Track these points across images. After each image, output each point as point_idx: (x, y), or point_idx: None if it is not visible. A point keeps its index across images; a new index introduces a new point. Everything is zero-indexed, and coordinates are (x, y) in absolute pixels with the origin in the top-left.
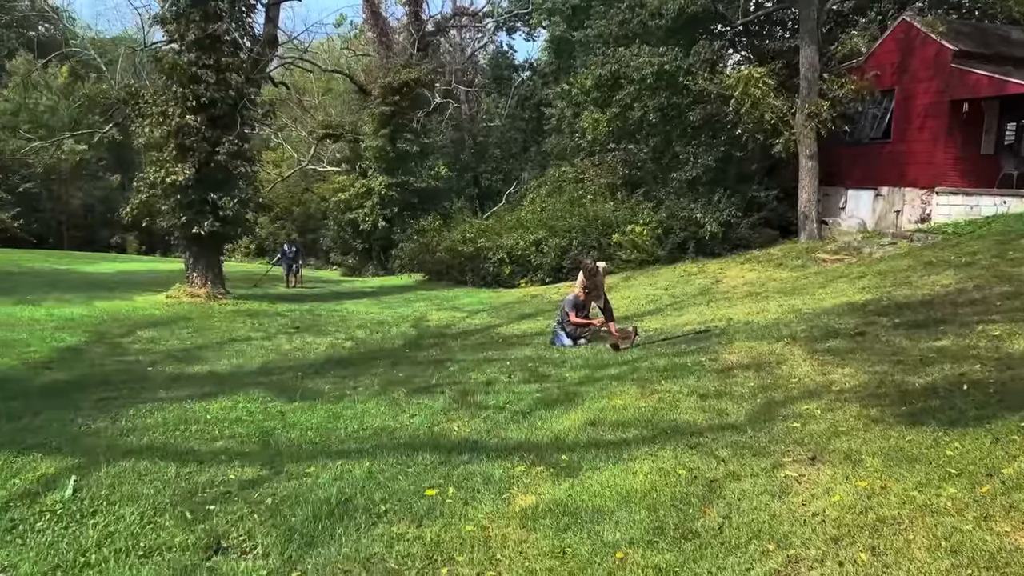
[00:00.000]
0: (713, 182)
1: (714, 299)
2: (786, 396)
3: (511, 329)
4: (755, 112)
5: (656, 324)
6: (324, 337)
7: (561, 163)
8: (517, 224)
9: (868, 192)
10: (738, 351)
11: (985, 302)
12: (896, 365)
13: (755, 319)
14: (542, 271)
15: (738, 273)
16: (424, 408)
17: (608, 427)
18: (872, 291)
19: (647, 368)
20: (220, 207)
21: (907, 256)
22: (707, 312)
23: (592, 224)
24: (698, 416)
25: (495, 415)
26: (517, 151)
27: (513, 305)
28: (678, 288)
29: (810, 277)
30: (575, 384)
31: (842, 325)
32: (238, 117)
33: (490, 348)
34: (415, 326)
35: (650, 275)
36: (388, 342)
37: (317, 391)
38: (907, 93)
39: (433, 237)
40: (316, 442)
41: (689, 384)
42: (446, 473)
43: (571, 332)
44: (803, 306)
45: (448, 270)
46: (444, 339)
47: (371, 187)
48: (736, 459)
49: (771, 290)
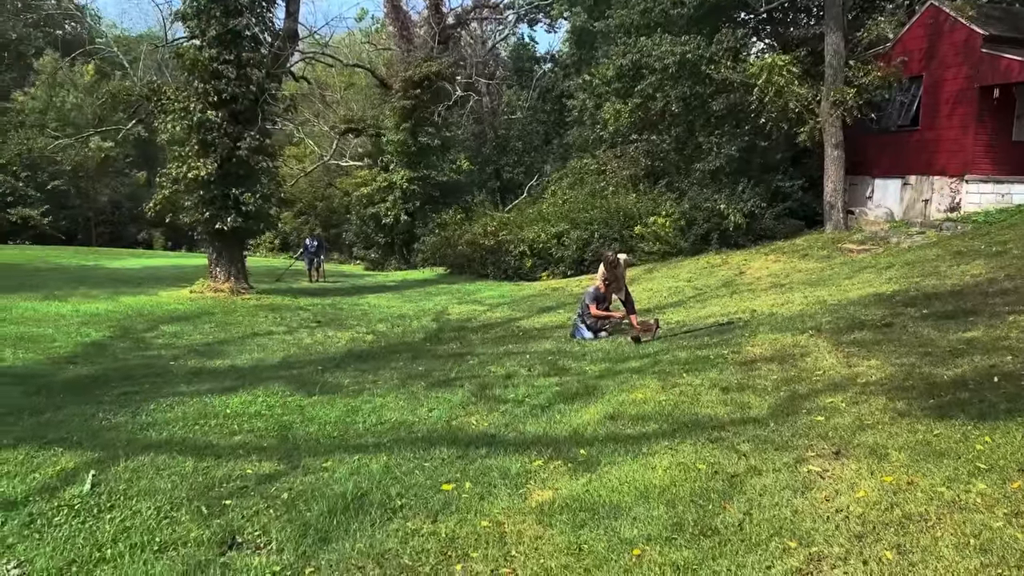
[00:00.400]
0: (737, 172)
1: (738, 291)
2: (810, 389)
3: (532, 322)
4: (779, 100)
5: (678, 316)
6: (345, 331)
7: (583, 155)
8: (538, 217)
9: (896, 181)
10: (761, 343)
11: (1017, 292)
12: (924, 357)
13: (779, 311)
14: (563, 264)
15: (762, 264)
16: (443, 402)
17: (628, 421)
18: (899, 281)
19: (668, 361)
20: (242, 202)
21: (936, 246)
22: (730, 304)
23: (614, 216)
24: (720, 410)
25: (513, 409)
26: (539, 144)
27: (534, 298)
28: (701, 280)
29: (836, 268)
30: (595, 377)
31: (868, 316)
32: (259, 112)
33: (510, 341)
34: (436, 320)
35: (673, 267)
36: (409, 336)
37: (336, 385)
38: (935, 79)
39: (455, 231)
40: (334, 436)
41: (711, 377)
42: (463, 468)
43: (592, 325)
44: (828, 297)
45: (470, 263)
46: (464, 332)
47: (393, 181)
48: (758, 453)
49: (796, 281)
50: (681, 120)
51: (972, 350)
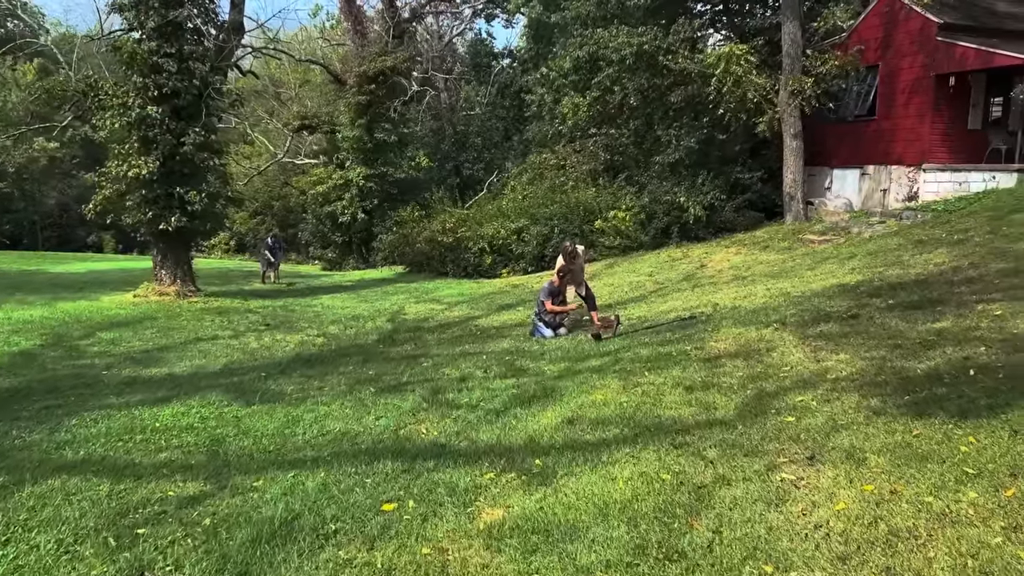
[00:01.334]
0: (696, 165)
1: (699, 284)
2: (778, 387)
3: (490, 321)
4: (737, 91)
5: (640, 312)
6: (295, 334)
7: (542, 150)
8: (498, 213)
9: (854, 171)
10: (725, 338)
11: (982, 280)
12: (894, 350)
13: (742, 304)
14: (524, 260)
15: (723, 257)
16: (392, 409)
17: (587, 425)
18: (863, 272)
19: (630, 359)
20: (188, 201)
21: (897, 235)
22: (692, 298)
23: (574, 211)
24: (684, 411)
25: (467, 415)
26: (499, 140)
27: (493, 296)
28: (662, 274)
29: (798, 259)
30: (554, 378)
31: (834, 308)
32: (203, 107)
33: (467, 341)
34: (391, 320)
35: (633, 261)
36: (362, 338)
37: (279, 393)
38: (891, 68)
39: (413, 228)
40: (270, 451)
41: (674, 375)
42: (407, 484)
43: (550, 322)
44: (792, 289)
45: (428, 261)
46: (420, 333)
47: (349, 179)
48: (726, 460)
49: (758, 273)
50: (639, 113)
51: (943, 341)
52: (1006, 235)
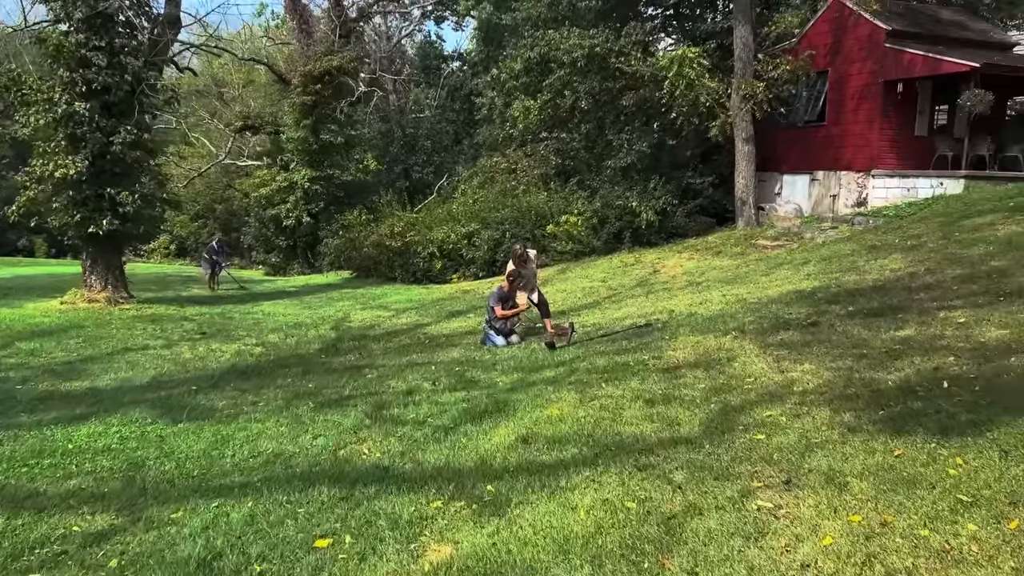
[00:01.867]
0: (648, 169)
1: (653, 290)
2: (744, 400)
3: (440, 328)
4: (690, 94)
5: (594, 319)
6: (232, 343)
7: (493, 154)
8: (448, 217)
9: (804, 177)
10: (684, 347)
11: (940, 287)
12: (860, 359)
13: (698, 311)
14: (475, 265)
15: (676, 262)
16: (331, 426)
17: (543, 444)
18: (819, 278)
19: (586, 369)
20: (119, 203)
21: (850, 240)
22: (647, 304)
23: (525, 215)
24: (646, 427)
25: (413, 432)
26: (449, 143)
27: (443, 302)
28: (615, 279)
29: (751, 264)
30: (506, 391)
31: (792, 315)
32: (136, 104)
33: (415, 351)
34: (335, 328)
35: (586, 266)
36: (303, 347)
37: (209, 409)
38: (841, 74)
39: (360, 232)
40: (193, 476)
41: (633, 387)
42: (345, 514)
43: (501, 328)
44: (748, 295)
45: (376, 266)
46: (365, 342)
47: (294, 181)
48: (695, 485)
49: (712, 279)
50: (591, 117)
51: (910, 350)
52: (959, 241)
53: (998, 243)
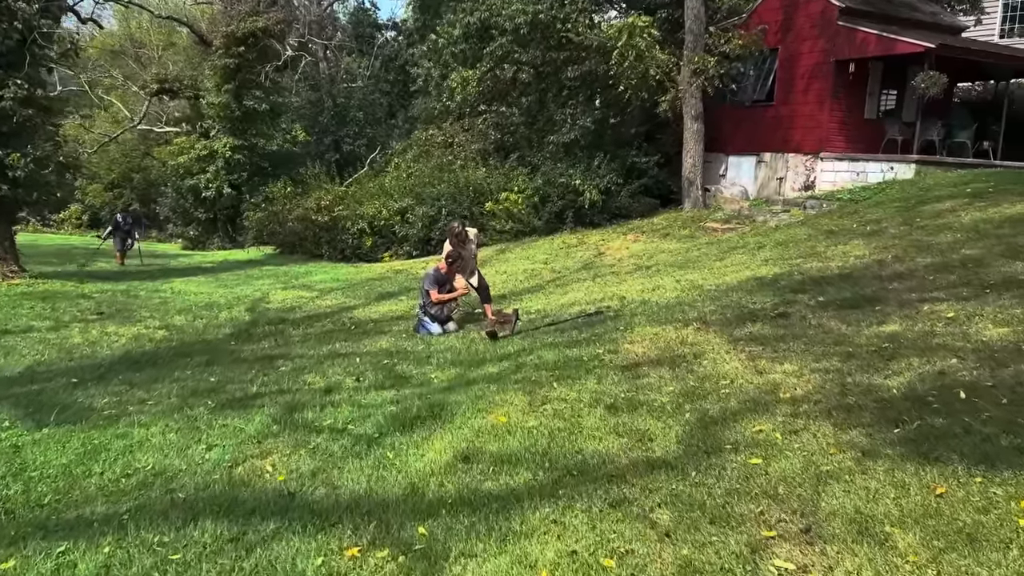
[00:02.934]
0: (591, 147)
1: (600, 274)
2: (723, 408)
3: (368, 312)
4: (639, 66)
5: (538, 304)
6: (132, 326)
7: (428, 127)
8: (380, 191)
9: (750, 159)
10: (642, 339)
11: (913, 276)
12: (848, 359)
13: (652, 297)
14: (408, 243)
15: (622, 244)
16: (231, 433)
17: (488, 464)
18: (778, 264)
19: (533, 365)
20: (8, 166)
21: (804, 225)
22: (595, 289)
23: (463, 191)
24: (611, 443)
25: (329, 443)
26: (382, 116)
27: (373, 282)
28: (559, 261)
29: (702, 248)
30: (443, 390)
31: (757, 305)
32: (27, 56)
33: (339, 338)
34: (251, 309)
35: (527, 247)
36: (212, 331)
37: (86, 409)
38: (791, 53)
39: (284, 205)
40: (44, 504)
41: (590, 389)
42: (232, 566)
43: (437, 315)
44: (703, 282)
45: (301, 243)
46: (283, 326)
47: (214, 149)
48: (688, 531)
49: (662, 263)
50: (533, 89)
51: (903, 350)
52: (923, 227)
53: (964, 230)
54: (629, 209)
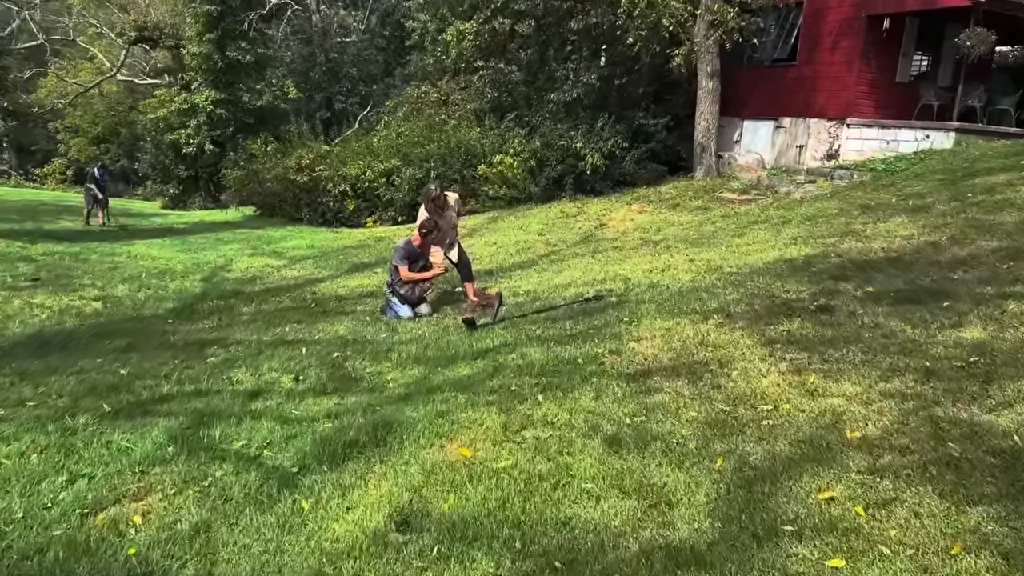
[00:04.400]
0: (595, 107)
1: (601, 248)
2: (769, 453)
3: (335, 286)
4: (651, 15)
5: (529, 284)
6: (64, 296)
7: (422, 84)
8: (366, 151)
9: (767, 123)
10: (651, 335)
11: (980, 263)
12: (928, 379)
13: (662, 280)
14: (393, 208)
15: (626, 215)
16: (111, 457)
17: (433, 539)
18: (808, 243)
19: (515, 367)
20: None
21: (834, 198)
22: (595, 267)
23: (454, 152)
24: (614, 509)
25: (231, 480)
26: (378, 74)
27: (351, 251)
28: (555, 233)
29: (717, 222)
30: (397, 399)
31: (791, 294)
32: None
33: (293, 319)
34: (207, 279)
35: (521, 216)
36: (152, 305)
37: None
38: (818, 6)
39: (264, 163)
40: None
41: (585, 407)
42: None
43: (407, 295)
44: (722, 262)
45: (281, 204)
46: (235, 301)
47: (196, 103)
48: None
49: (672, 238)
50: (533, 42)
51: (1000, 367)
52: (977, 204)
53: None
54: (634, 176)
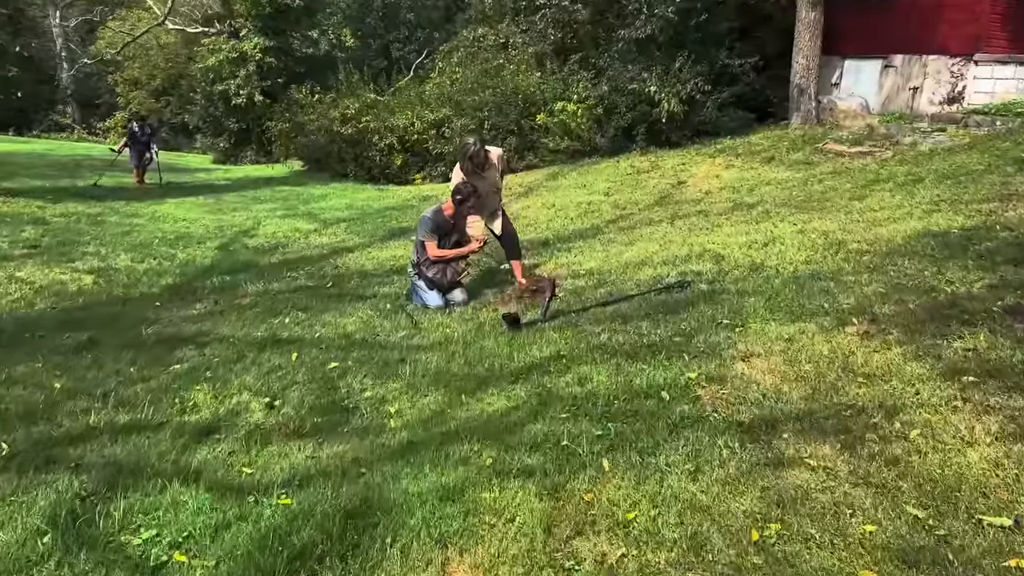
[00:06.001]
0: (672, 45)
1: (682, 212)
2: None
3: (363, 258)
4: None
5: (592, 260)
6: (55, 268)
7: (479, 27)
8: (417, 100)
9: (873, 63)
10: (765, 350)
11: None
12: None
13: (765, 260)
14: (443, 163)
15: (709, 171)
16: None
17: None
18: (957, 209)
19: (570, 399)
20: None
21: (974, 149)
22: (675, 238)
23: (511, 100)
24: None
25: None
26: (437, 19)
27: (390, 212)
28: (625, 192)
29: (826, 180)
30: (394, 451)
31: (959, 286)
32: None
33: (299, 304)
34: (224, 247)
35: (585, 171)
36: (148, 282)
37: None
38: None
39: (309, 115)
40: None
41: (677, 495)
42: None
43: (437, 278)
44: (844, 234)
45: (327, 158)
46: (244, 278)
47: (244, 51)
48: None
49: (771, 200)
50: None
51: None
52: None
53: None
54: (717, 124)
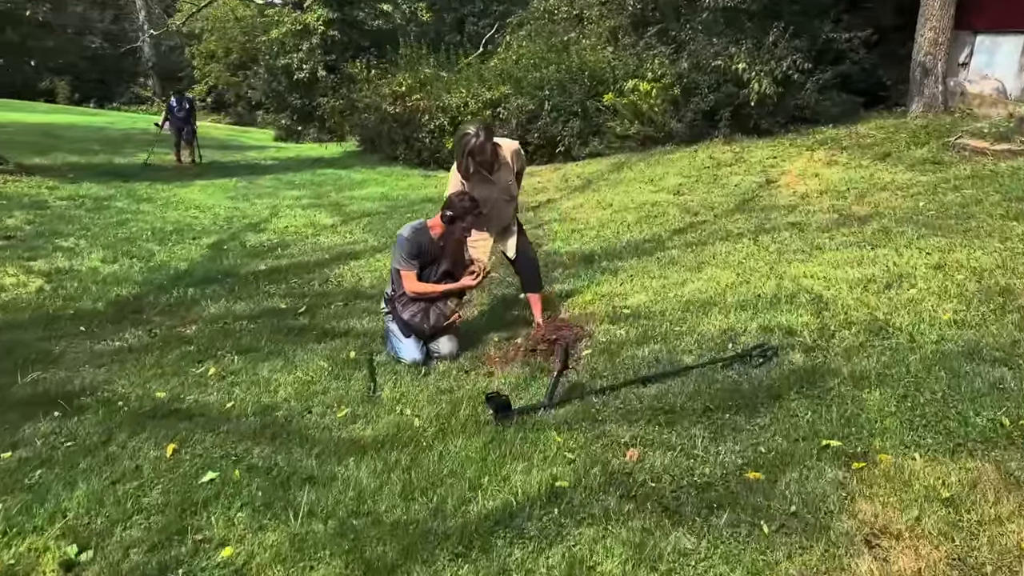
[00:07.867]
0: (765, 15)
1: (769, 224)
2: None
3: (367, 268)
4: None
5: (641, 294)
6: (10, 266)
7: None
8: (476, 77)
9: (1014, 38)
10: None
11: None
12: None
13: (890, 313)
14: None
15: (806, 167)
16: None
17: None
18: None
19: None
20: None
21: None
22: (758, 262)
23: (576, 77)
24: None
25: None
26: None
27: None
28: (699, 191)
29: (965, 188)
30: None
31: None
32: None
33: (244, 342)
34: (216, 246)
35: (655, 162)
36: (99, 292)
37: None
38: None
39: (361, 92)
40: None
41: None
42: None
43: (414, 322)
44: (1006, 275)
45: (379, 139)
46: (212, 291)
47: (307, 23)
48: None
49: (888, 213)
50: None
51: None
52: None
53: None
54: (817, 110)
